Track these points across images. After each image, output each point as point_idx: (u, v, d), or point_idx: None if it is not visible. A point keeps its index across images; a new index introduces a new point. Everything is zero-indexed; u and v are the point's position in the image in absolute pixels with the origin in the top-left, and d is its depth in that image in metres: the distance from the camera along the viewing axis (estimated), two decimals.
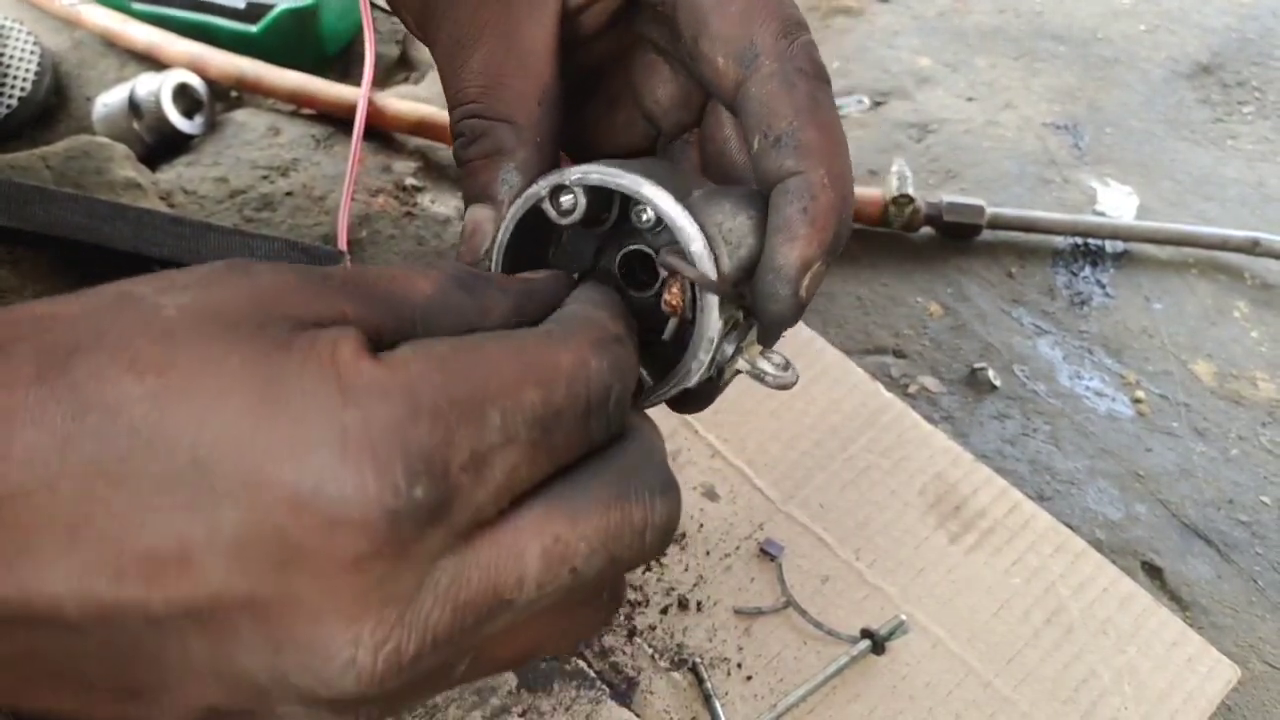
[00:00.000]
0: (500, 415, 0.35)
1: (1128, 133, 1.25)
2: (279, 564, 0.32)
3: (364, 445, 0.32)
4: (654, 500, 0.38)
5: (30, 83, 1.11)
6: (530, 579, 0.36)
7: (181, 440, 0.32)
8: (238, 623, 0.33)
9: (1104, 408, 0.99)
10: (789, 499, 0.82)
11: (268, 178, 1.08)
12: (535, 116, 0.49)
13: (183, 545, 0.32)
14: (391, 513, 0.32)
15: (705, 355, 0.46)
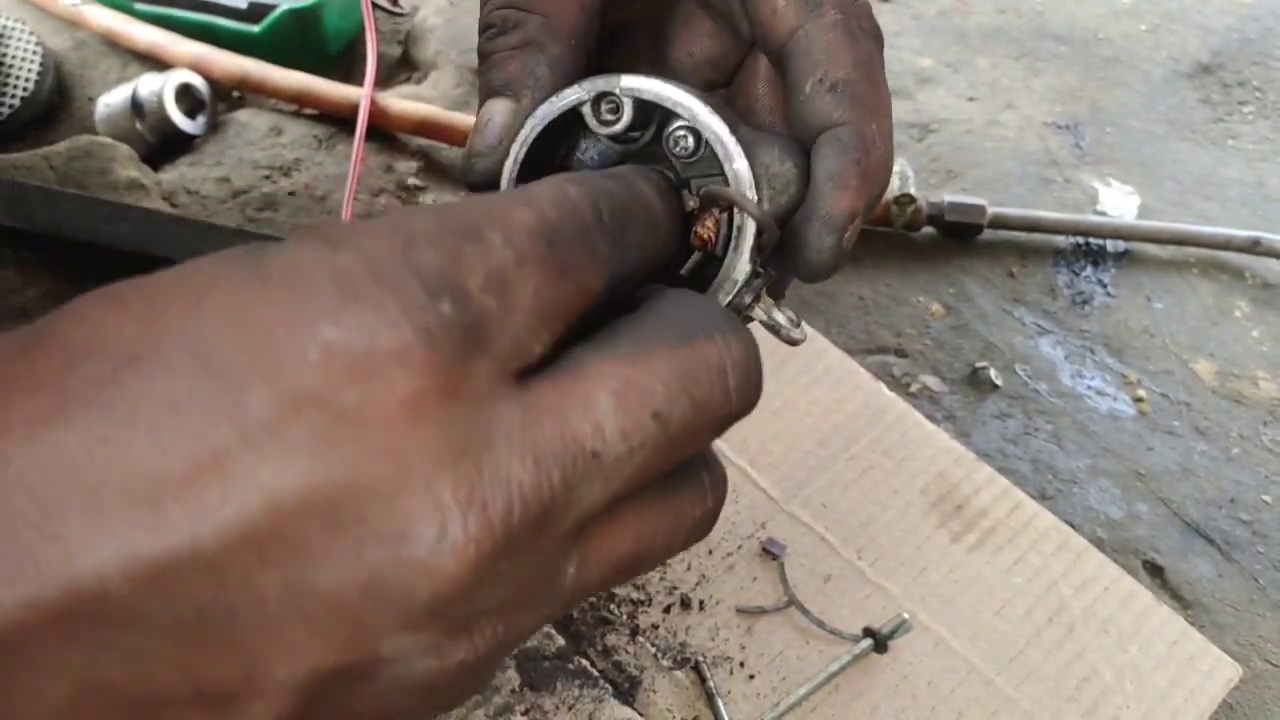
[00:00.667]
0: (499, 233, 0.32)
1: (1129, 133, 1.25)
2: (326, 440, 0.28)
3: (370, 276, 0.29)
4: (725, 336, 0.35)
5: (33, 83, 1.11)
6: (610, 426, 0.32)
7: (180, 346, 0.28)
8: (304, 532, 0.28)
9: (1105, 407, 0.99)
10: (791, 498, 0.82)
11: (270, 178, 1.08)
12: (575, 18, 0.47)
13: (216, 454, 0.28)
14: (424, 331, 0.29)
15: (725, 298, 0.43)
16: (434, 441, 0.29)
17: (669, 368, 0.33)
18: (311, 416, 0.28)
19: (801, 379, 0.88)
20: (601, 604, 0.76)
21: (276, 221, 1.04)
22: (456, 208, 0.32)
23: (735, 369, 0.35)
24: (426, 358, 0.29)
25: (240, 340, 0.28)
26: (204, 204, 1.05)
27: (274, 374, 0.28)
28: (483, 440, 0.30)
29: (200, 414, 0.28)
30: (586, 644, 0.74)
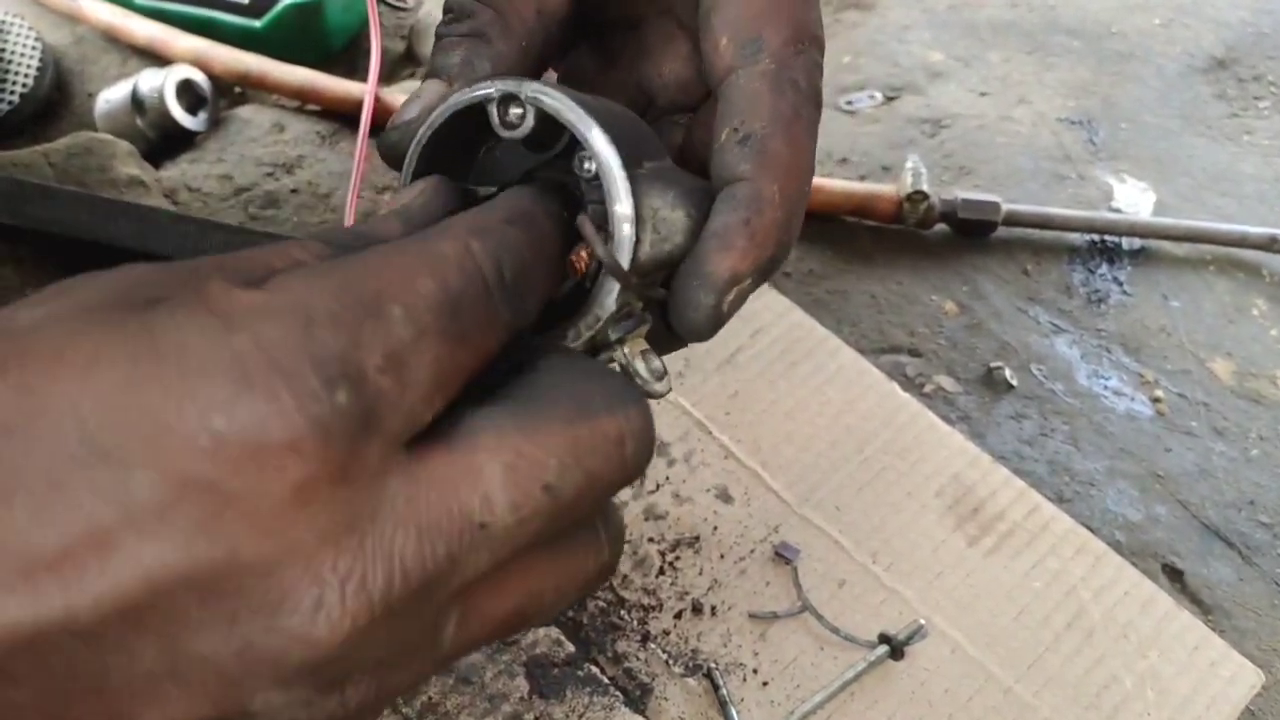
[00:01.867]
0: (402, 308, 0.32)
1: (1143, 128, 1.24)
2: (211, 523, 0.29)
3: (265, 363, 0.29)
4: (625, 408, 0.35)
5: (32, 79, 1.09)
6: (499, 499, 0.32)
7: (62, 421, 0.28)
8: (181, 604, 0.29)
9: (1122, 407, 0.98)
10: (804, 501, 0.80)
11: (273, 175, 1.07)
12: (529, 21, 0.47)
13: (95, 530, 0.28)
14: (317, 423, 0.29)
15: (587, 331, 0.42)
16: (319, 522, 0.30)
17: (563, 441, 0.34)
18: (197, 500, 0.28)
19: (813, 380, 0.86)
20: (611, 610, 0.74)
21: (279, 219, 1.03)
22: (360, 274, 0.32)
23: (633, 438, 0.35)
24: (319, 448, 0.29)
25: (128, 421, 0.28)
26: (206, 201, 1.03)
27: (162, 458, 0.28)
28: (368, 515, 0.30)
29: (83, 491, 0.28)
30: (596, 650, 0.72)
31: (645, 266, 0.43)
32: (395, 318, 0.32)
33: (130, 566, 0.28)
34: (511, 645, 0.71)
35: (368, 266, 0.33)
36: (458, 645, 0.35)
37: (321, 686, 0.32)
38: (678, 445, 0.82)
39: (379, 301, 0.32)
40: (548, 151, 0.45)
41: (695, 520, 0.79)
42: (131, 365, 0.29)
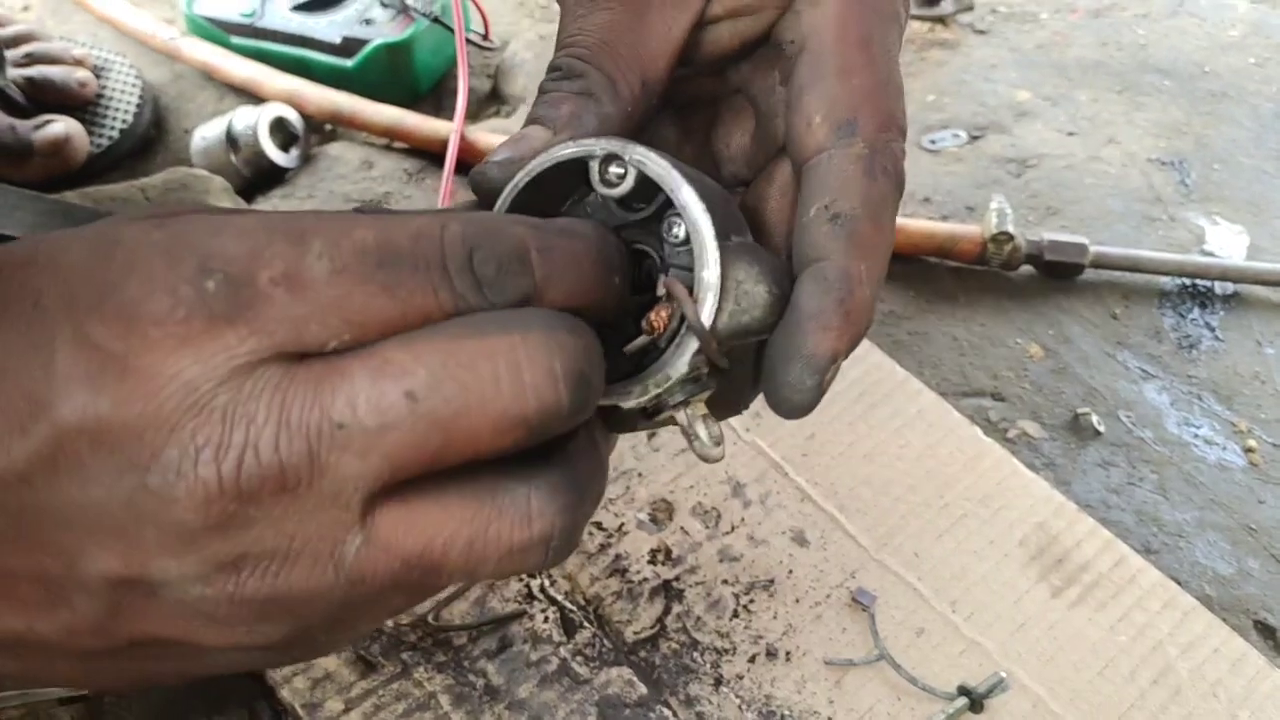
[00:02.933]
0: (321, 242, 0.35)
1: (1237, 170, 1.21)
2: (95, 375, 0.34)
3: (161, 251, 0.34)
4: (531, 332, 0.36)
5: (131, 115, 1.13)
6: (360, 401, 0.34)
7: (27, 289, 0.35)
8: (80, 453, 0.34)
9: (1214, 456, 0.95)
10: (882, 546, 0.79)
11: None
12: (636, 90, 0.48)
13: (28, 387, 0.34)
14: (181, 302, 0.34)
15: (654, 389, 0.44)
16: (181, 393, 0.34)
17: (439, 352, 0.35)
18: (90, 357, 0.34)
19: (893, 422, 0.85)
20: (684, 651, 0.74)
21: None
22: (307, 215, 0.37)
23: (531, 363, 0.35)
24: (176, 324, 0.34)
25: (61, 292, 0.35)
26: None
27: (78, 323, 0.34)
28: (233, 397, 0.34)
29: (23, 350, 0.34)
30: (669, 693, 0.72)
31: (721, 335, 0.44)
32: (311, 247, 0.35)
33: (46, 417, 0.34)
34: (583, 685, 0.70)
35: (321, 215, 0.37)
36: (362, 565, 0.37)
37: (213, 563, 0.35)
38: (753, 486, 0.81)
39: (303, 234, 0.35)
40: (635, 213, 0.47)
41: (770, 563, 0.78)
42: (83, 251, 0.35)
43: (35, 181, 1.05)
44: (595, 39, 0.48)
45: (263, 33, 1.19)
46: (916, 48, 1.34)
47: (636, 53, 0.48)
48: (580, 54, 0.48)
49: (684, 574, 0.77)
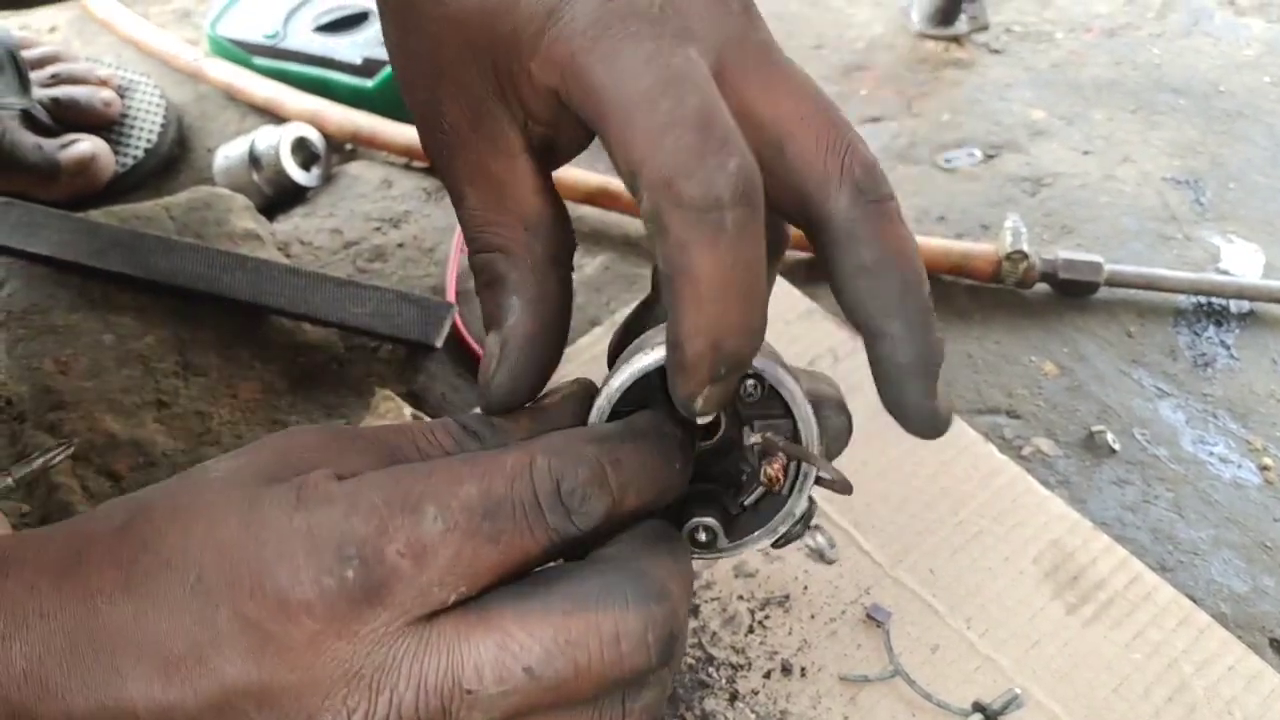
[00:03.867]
0: (435, 506, 0.40)
1: (1252, 188, 1.21)
2: (258, 650, 0.39)
3: (304, 539, 0.39)
4: (627, 609, 0.41)
5: (155, 135, 1.15)
6: (486, 672, 0.40)
7: (190, 561, 0.40)
8: (245, 707, 0.40)
9: (1229, 474, 0.95)
10: (897, 563, 0.79)
11: (380, 229, 1.10)
12: (524, 242, 0.49)
13: (196, 646, 0.40)
14: (325, 592, 0.39)
15: (782, 528, 0.49)
16: (333, 665, 0.39)
17: (550, 631, 0.40)
18: (252, 634, 0.39)
19: (907, 440, 0.84)
20: (700, 667, 0.74)
21: (385, 272, 1.06)
22: (420, 476, 0.41)
23: (630, 637, 0.40)
24: (325, 611, 0.39)
25: (221, 566, 0.40)
26: (316, 255, 1.07)
27: (233, 598, 0.39)
28: (378, 665, 0.39)
29: (193, 616, 0.40)
30: (684, 707, 0.72)
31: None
32: (427, 513, 0.40)
33: (213, 676, 0.39)
34: None
35: (431, 471, 0.42)
36: None
37: None
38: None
39: (419, 499, 0.40)
40: None
41: (785, 579, 0.78)
42: (236, 529, 0.40)
43: (61, 200, 1.06)
44: (475, 224, 0.50)
45: (284, 53, 1.21)
46: (931, 67, 1.35)
47: (503, 207, 0.49)
48: (474, 246, 0.50)
49: (700, 589, 0.78)
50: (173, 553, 0.41)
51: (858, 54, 1.37)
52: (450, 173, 0.50)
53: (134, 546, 0.42)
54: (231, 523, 0.41)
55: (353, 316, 0.96)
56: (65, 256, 0.97)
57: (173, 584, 0.40)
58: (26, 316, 0.95)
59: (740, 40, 0.45)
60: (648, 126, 0.40)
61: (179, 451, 0.88)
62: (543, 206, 0.49)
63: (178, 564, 0.41)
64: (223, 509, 0.41)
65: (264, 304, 0.96)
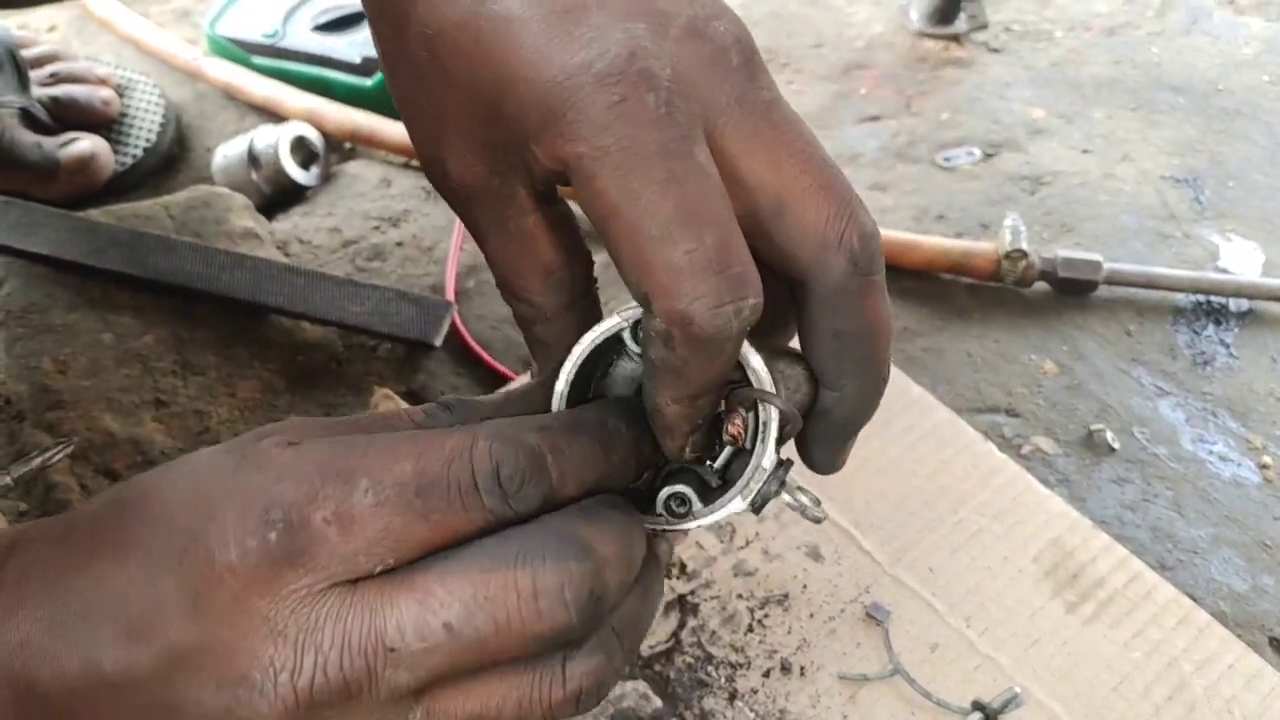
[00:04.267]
0: (368, 479, 0.41)
1: (1252, 187, 1.21)
2: (193, 611, 0.41)
3: (235, 502, 0.41)
4: (544, 564, 0.41)
5: (155, 134, 1.15)
6: (408, 629, 0.41)
7: (150, 526, 0.42)
8: (195, 664, 0.41)
9: (1229, 473, 0.95)
10: (896, 562, 0.79)
11: (379, 228, 1.10)
12: (542, 294, 0.51)
13: (148, 610, 0.41)
14: (248, 553, 0.40)
15: (755, 484, 0.49)
16: (259, 623, 0.40)
17: (469, 588, 0.41)
18: (187, 596, 0.41)
19: (907, 438, 0.86)
20: (699, 666, 0.74)
21: (384, 271, 1.06)
22: (361, 450, 0.42)
23: (544, 593, 0.41)
24: (249, 572, 0.40)
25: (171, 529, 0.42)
26: (315, 254, 1.07)
27: (176, 561, 0.41)
28: (301, 626, 0.41)
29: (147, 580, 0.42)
30: (684, 706, 0.72)
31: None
32: (359, 485, 0.41)
33: (164, 635, 0.41)
34: None
35: (371, 445, 0.43)
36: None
37: None
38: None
39: (352, 471, 0.41)
40: None
41: (785, 578, 0.78)
42: (183, 496, 0.43)
43: (60, 199, 1.06)
44: (499, 275, 0.52)
45: (283, 52, 1.21)
46: (931, 66, 1.35)
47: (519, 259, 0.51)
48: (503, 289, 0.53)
49: (699, 588, 0.78)
50: (138, 523, 0.43)
51: (857, 53, 1.37)
52: (465, 216, 0.52)
53: (107, 520, 0.44)
54: (182, 490, 0.43)
55: (352, 315, 0.96)
56: (64, 255, 0.97)
57: (134, 551, 0.42)
58: (25, 315, 0.95)
59: (740, 101, 0.46)
60: (667, 263, 0.42)
61: (177, 450, 0.88)
62: (560, 252, 0.51)
63: (139, 534, 0.43)
64: (180, 479, 0.44)
65: (263, 303, 0.96)
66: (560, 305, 0.51)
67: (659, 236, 0.42)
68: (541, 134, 0.44)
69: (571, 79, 0.43)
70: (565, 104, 0.43)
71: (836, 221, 0.46)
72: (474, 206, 0.50)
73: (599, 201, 0.44)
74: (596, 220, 0.44)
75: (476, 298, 1.03)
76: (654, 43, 0.44)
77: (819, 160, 0.47)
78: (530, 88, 0.44)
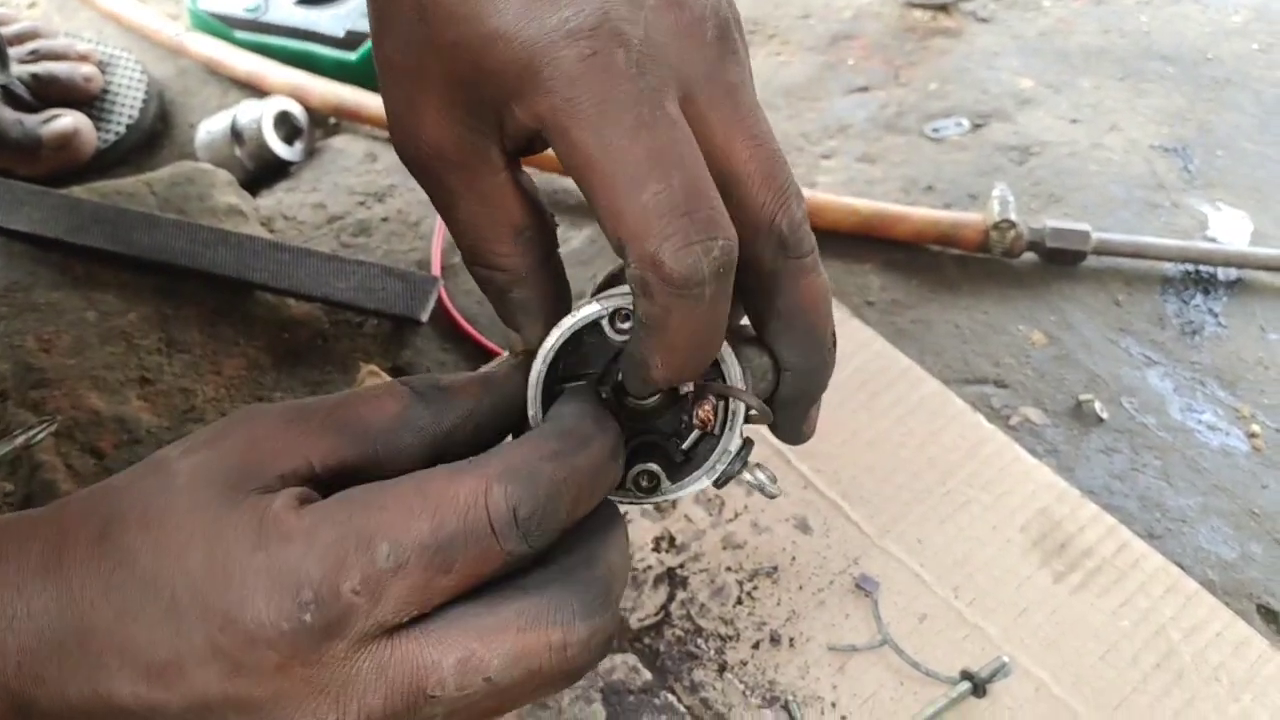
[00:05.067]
0: (388, 544, 0.42)
1: (1240, 156, 1.21)
2: (230, 672, 0.42)
3: (265, 581, 0.42)
4: (574, 624, 0.44)
5: (137, 110, 1.14)
6: (449, 681, 0.43)
7: (165, 587, 0.43)
8: (226, 713, 0.43)
9: (1217, 442, 0.95)
10: (885, 533, 0.79)
11: (364, 203, 1.09)
12: (515, 255, 0.51)
13: (176, 658, 0.42)
14: (287, 634, 0.41)
15: (720, 466, 0.51)
16: (301, 684, 0.42)
17: (509, 645, 0.43)
18: (223, 657, 0.42)
19: (896, 410, 0.86)
20: (689, 638, 0.74)
21: (370, 246, 1.05)
22: (373, 510, 0.43)
23: (577, 645, 0.44)
24: (288, 646, 0.42)
25: (194, 594, 0.42)
26: (300, 229, 1.06)
27: (205, 624, 0.42)
28: (343, 682, 0.42)
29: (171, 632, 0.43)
30: (673, 679, 0.72)
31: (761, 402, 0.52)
32: (380, 550, 0.42)
33: (191, 685, 0.42)
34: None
35: (385, 504, 0.43)
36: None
37: None
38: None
39: (371, 538, 0.42)
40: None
41: (774, 550, 0.78)
42: (205, 559, 0.43)
43: (42, 177, 1.05)
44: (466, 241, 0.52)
45: (266, 27, 1.20)
46: (919, 36, 1.34)
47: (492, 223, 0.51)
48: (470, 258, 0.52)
49: (688, 561, 0.78)
50: (146, 573, 0.43)
51: (845, 23, 1.36)
52: (434, 185, 0.52)
53: (111, 559, 0.44)
54: (199, 550, 0.43)
55: (337, 291, 0.95)
56: (47, 233, 0.96)
57: (149, 602, 0.43)
58: (8, 294, 0.94)
59: (709, 77, 0.47)
60: (636, 207, 0.43)
61: (163, 428, 0.88)
62: (528, 212, 0.51)
63: (151, 584, 0.43)
64: (189, 531, 0.43)
65: (248, 280, 0.95)
66: (533, 263, 0.51)
67: (629, 180, 0.43)
68: (520, 91, 0.45)
69: (547, 36, 0.44)
70: (541, 60, 0.44)
71: (770, 208, 0.48)
72: (445, 171, 0.50)
73: (574, 154, 0.44)
74: (574, 174, 0.45)
75: (462, 273, 1.02)
76: (629, 9, 0.45)
77: (769, 149, 0.48)
78: (509, 46, 0.45)
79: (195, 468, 0.45)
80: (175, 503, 0.44)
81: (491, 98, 0.47)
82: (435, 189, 0.52)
